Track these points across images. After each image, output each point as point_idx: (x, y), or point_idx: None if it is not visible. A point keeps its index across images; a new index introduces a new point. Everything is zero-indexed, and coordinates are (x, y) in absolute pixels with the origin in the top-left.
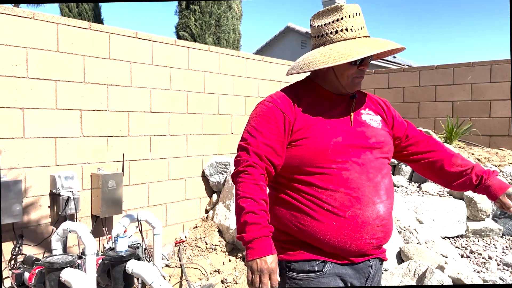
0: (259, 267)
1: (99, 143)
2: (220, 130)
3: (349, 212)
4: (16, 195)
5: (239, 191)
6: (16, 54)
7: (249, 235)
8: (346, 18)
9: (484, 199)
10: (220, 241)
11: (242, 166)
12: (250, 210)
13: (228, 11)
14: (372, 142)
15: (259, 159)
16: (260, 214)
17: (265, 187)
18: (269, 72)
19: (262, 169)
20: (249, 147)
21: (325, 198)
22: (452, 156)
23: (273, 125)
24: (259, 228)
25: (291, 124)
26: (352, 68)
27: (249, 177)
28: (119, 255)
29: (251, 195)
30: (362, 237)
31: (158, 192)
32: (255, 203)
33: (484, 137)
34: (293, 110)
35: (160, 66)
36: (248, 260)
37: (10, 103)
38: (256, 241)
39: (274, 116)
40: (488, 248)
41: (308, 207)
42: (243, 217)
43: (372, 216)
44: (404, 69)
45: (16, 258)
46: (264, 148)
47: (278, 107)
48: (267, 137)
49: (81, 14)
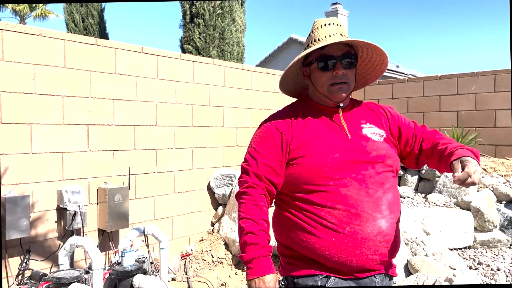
0: (257, 286)
1: (105, 157)
2: (225, 142)
3: (348, 228)
4: (23, 210)
5: (240, 212)
6: (24, 70)
7: (248, 255)
8: (315, 30)
9: (492, 209)
10: (226, 254)
11: (243, 188)
12: (249, 230)
13: (232, 24)
14: (372, 156)
15: (259, 180)
16: (259, 235)
17: (265, 207)
18: (273, 84)
19: (262, 189)
20: (249, 168)
21: (323, 215)
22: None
23: (271, 145)
24: (257, 248)
25: (289, 143)
26: (325, 75)
27: (249, 198)
28: (126, 269)
29: (250, 215)
30: (363, 253)
31: (164, 205)
32: (255, 224)
33: (489, 147)
34: (290, 129)
35: (165, 80)
36: (247, 280)
37: (18, 119)
38: (255, 261)
39: (272, 136)
40: (497, 259)
41: (308, 224)
42: (243, 238)
43: (373, 232)
44: (408, 79)
45: (24, 273)
46: (264, 168)
47: (275, 127)
48: (266, 157)
49: (87, 29)
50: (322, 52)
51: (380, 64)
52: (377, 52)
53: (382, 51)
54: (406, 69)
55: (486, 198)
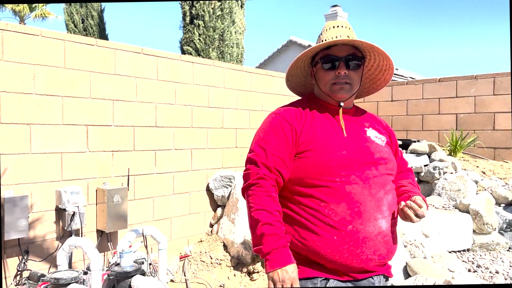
0: (281, 277)
1: (104, 158)
2: (225, 144)
3: (350, 227)
4: (22, 211)
5: (251, 203)
6: (24, 71)
7: (267, 246)
8: (324, 32)
9: (491, 212)
10: (225, 256)
11: (253, 179)
12: (266, 221)
13: (232, 26)
14: (377, 157)
15: (269, 171)
16: (276, 225)
17: (277, 199)
18: (273, 86)
19: (273, 181)
20: (258, 159)
21: (326, 212)
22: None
23: (281, 136)
24: (276, 238)
25: (298, 136)
26: (329, 74)
27: (261, 189)
28: (124, 270)
29: (265, 207)
30: (364, 252)
31: (163, 207)
32: (270, 215)
33: (488, 150)
34: (300, 122)
35: (165, 81)
36: (268, 272)
37: (18, 119)
38: (275, 252)
39: (282, 127)
40: (495, 262)
41: (309, 221)
42: (260, 229)
43: (374, 231)
44: (408, 82)
45: (22, 274)
46: (273, 159)
47: (285, 118)
48: (276, 148)
49: (86, 29)
50: (327, 52)
51: (388, 69)
52: (383, 56)
53: (386, 54)
54: (405, 71)
55: (485, 200)
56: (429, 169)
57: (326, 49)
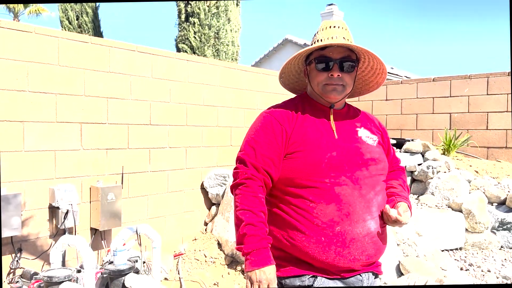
0: (258, 278)
1: (98, 155)
2: (219, 142)
3: (338, 228)
4: (15, 208)
5: (237, 203)
6: (17, 68)
7: (248, 246)
8: (320, 31)
9: (483, 211)
10: (219, 254)
11: (241, 179)
12: (249, 222)
13: (227, 24)
14: (367, 158)
15: (257, 171)
16: (259, 226)
17: (263, 199)
18: (268, 84)
19: (260, 181)
20: (247, 159)
21: (315, 212)
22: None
23: (271, 136)
24: (257, 239)
25: (288, 137)
26: (322, 75)
27: (247, 190)
28: (118, 268)
29: (250, 207)
30: (351, 253)
31: (157, 205)
32: (254, 215)
33: (482, 149)
34: (291, 122)
35: (159, 79)
36: (247, 271)
37: (11, 116)
38: (255, 253)
39: (272, 127)
40: (487, 261)
41: (298, 222)
42: (242, 229)
43: (362, 232)
44: (402, 81)
45: (15, 272)
46: (263, 159)
47: (276, 119)
48: (265, 148)
49: (81, 26)
50: (321, 53)
51: (381, 73)
52: (376, 60)
53: (380, 60)
54: (400, 71)
55: (478, 200)
56: (422, 168)
57: (321, 49)
